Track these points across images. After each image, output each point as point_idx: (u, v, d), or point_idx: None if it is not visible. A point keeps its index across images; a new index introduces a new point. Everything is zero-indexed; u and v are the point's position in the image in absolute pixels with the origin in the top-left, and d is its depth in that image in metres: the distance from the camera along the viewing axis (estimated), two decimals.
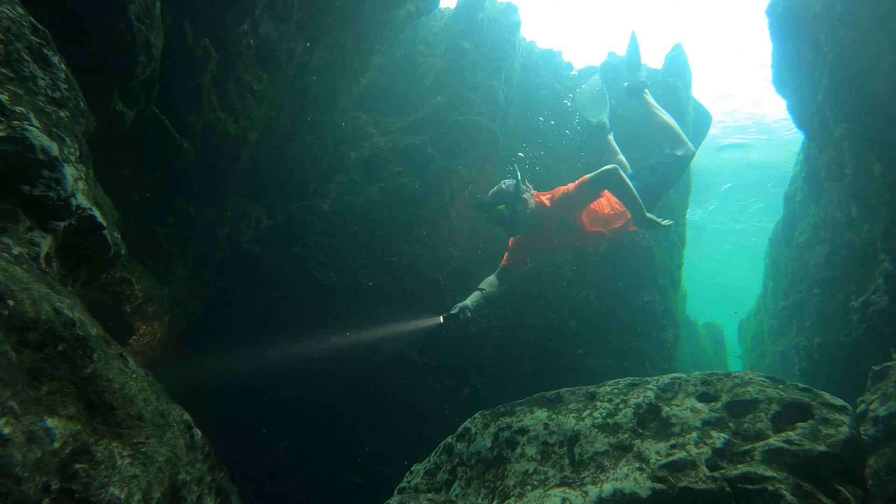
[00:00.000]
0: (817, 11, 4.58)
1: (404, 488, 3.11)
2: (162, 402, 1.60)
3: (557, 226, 3.86)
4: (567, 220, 3.84)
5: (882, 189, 4.11)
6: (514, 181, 3.81)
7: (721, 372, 2.75)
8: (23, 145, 1.54)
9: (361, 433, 4.66)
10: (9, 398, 1.03)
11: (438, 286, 4.98)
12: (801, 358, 6.37)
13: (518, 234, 4.02)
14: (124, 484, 1.20)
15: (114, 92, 2.87)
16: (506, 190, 3.77)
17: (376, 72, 6.58)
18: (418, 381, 4.80)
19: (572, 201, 3.74)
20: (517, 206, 3.73)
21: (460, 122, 5.65)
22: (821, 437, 2.15)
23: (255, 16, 3.76)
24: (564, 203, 3.77)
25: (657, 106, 4.81)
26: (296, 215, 5.10)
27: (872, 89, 4.10)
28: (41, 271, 1.55)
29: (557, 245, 4.07)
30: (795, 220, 7.67)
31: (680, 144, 4.52)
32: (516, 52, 6.82)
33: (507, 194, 3.75)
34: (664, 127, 4.65)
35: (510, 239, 4.10)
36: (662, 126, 4.67)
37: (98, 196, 2.32)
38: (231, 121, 4.00)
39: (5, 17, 1.67)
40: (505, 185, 3.82)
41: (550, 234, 3.92)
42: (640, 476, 2.18)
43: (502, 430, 2.91)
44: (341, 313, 4.75)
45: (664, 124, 4.66)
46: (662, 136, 4.74)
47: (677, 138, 4.57)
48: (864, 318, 4.52)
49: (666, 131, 4.64)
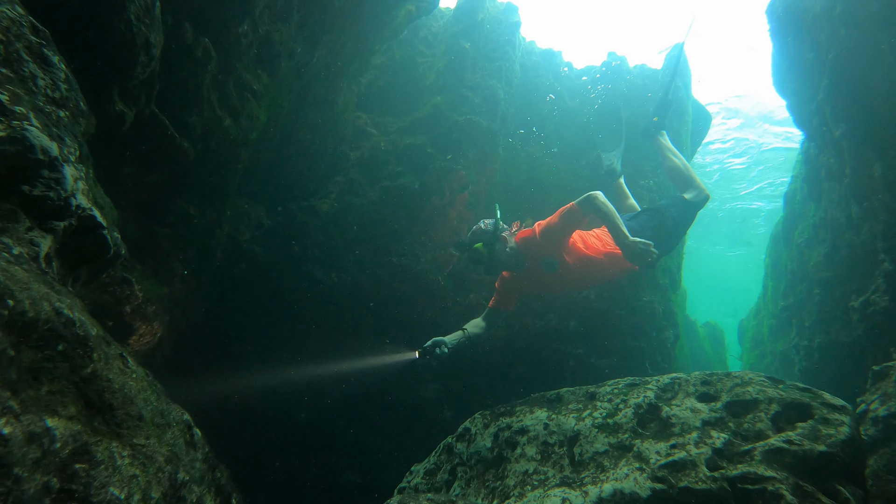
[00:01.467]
0: (817, 12, 4.58)
1: (404, 488, 3.11)
2: (162, 402, 1.60)
3: (541, 266, 3.73)
4: (551, 258, 3.70)
5: (882, 189, 4.11)
6: (492, 220, 3.73)
7: (721, 372, 2.75)
8: (23, 145, 1.54)
9: (361, 433, 4.66)
10: (9, 398, 1.03)
11: (438, 286, 4.98)
12: (801, 358, 6.38)
13: (500, 275, 3.94)
14: (124, 484, 1.20)
15: (114, 92, 2.87)
16: (484, 229, 3.69)
17: (376, 72, 6.58)
18: (418, 381, 4.81)
19: (555, 231, 3.59)
20: (495, 244, 3.63)
21: (460, 122, 5.65)
22: (821, 437, 2.15)
23: (255, 16, 3.76)
24: (547, 235, 3.62)
25: (672, 148, 4.61)
26: (296, 215, 5.10)
27: (872, 89, 4.11)
28: (41, 271, 1.55)
29: (542, 286, 3.94)
30: (795, 220, 7.67)
31: (691, 188, 4.30)
32: (516, 52, 6.82)
33: (484, 233, 3.66)
34: (675, 171, 4.47)
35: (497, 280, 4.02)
36: (673, 170, 4.49)
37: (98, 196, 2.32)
38: (231, 121, 4.00)
39: (5, 17, 1.67)
40: (484, 224, 3.74)
41: (533, 275, 3.81)
42: (640, 476, 2.18)
43: (502, 430, 2.91)
44: (341, 313, 4.75)
45: (675, 168, 4.47)
46: (673, 179, 4.56)
47: (688, 182, 4.35)
48: (864, 318, 4.52)
49: (677, 175, 4.46)
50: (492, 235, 3.64)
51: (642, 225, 3.90)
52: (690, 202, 4.21)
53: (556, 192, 6.17)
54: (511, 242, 3.73)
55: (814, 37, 4.71)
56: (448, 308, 4.90)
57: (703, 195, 4.25)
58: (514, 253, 3.71)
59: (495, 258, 3.64)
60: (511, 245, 3.71)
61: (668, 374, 2.88)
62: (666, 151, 4.58)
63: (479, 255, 3.62)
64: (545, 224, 3.65)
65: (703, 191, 4.27)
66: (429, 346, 3.53)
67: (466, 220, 5.43)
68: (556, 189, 6.19)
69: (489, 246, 3.62)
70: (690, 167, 4.48)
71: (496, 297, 4.00)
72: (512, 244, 3.72)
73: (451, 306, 4.91)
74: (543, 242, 3.65)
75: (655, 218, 3.97)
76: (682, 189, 4.35)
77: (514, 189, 6.16)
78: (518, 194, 6.13)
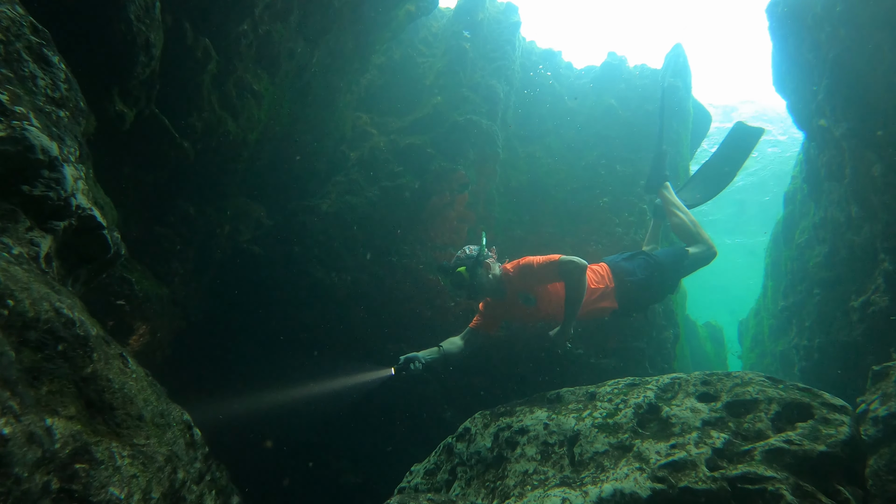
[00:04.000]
0: (817, 11, 4.58)
1: (404, 488, 3.11)
2: (162, 402, 1.60)
3: (518, 297, 3.79)
4: (528, 293, 3.75)
5: (882, 189, 4.11)
6: (477, 247, 3.78)
7: (721, 372, 2.75)
8: (23, 145, 1.54)
9: (361, 433, 4.66)
10: (9, 398, 1.03)
11: (438, 286, 4.98)
12: (801, 358, 6.37)
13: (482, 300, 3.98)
14: (124, 484, 1.20)
15: (114, 92, 2.87)
16: (468, 254, 3.75)
17: (376, 72, 6.58)
18: (418, 381, 4.80)
19: (533, 275, 3.66)
20: (477, 269, 3.68)
21: (460, 122, 5.65)
22: (821, 437, 2.15)
23: (255, 15, 3.76)
24: (525, 274, 3.68)
25: (676, 203, 4.45)
26: (296, 215, 5.10)
27: (872, 89, 4.10)
28: (41, 271, 1.54)
29: (522, 317, 3.96)
30: (795, 220, 7.67)
31: (697, 244, 4.19)
32: (516, 52, 6.82)
33: (468, 258, 3.72)
34: (680, 227, 4.33)
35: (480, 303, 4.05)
36: (679, 226, 4.35)
37: (98, 196, 2.32)
38: (231, 120, 4.00)
39: (5, 17, 1.67)
40: (469, 249, 3.80)
41: (512, 305, 3.85)
42: (640, 476, 2.18)
43: (502, 430, 2.91)
44: (341, 313, 4.75)
45: (681, 224, 4.32)
46: (679, 236, 4.42)
47: (694, 238, 4.23)
48: (864, 318, 4.52)
49: (682, 231, 4.32)
50: (475, 261, 3.70)
51: (633, 268, 3.93)
52: (693, 256, 4.12)
53: (556, 192, 6.17)
54: (495, 269, 3.78)
55: (814, 36, 4.71)
56: (448, 308, 4.90)
57: (709, 252, 4.16)
58: (497, 281, 3.77)
59: (477, 284, 3.70)
60: (494, 272, 3.77)
61: (668, 374, 2.88)
62: (670, 206, 4.44)
63: (461, 280, 3.68)
64: (524, 263, 3.71)
65: (711, 248, 4.18)
66: (402, 364, 3.59)
67: (467, 220, 5.43)
68: (556, 189, 6.19)
69: (472, 271, 3.68)
70: (698, 223, 4.34)
71: (479, 319, 4.04)
72: (496, 271, 3.78)
73: (450, 306, 4.91)
74: (519, 279, 3.72)
75: (648, 269, 3.93)
76: (688, 244, 4.27)
77: (513, 189, 6.16)
78: (518, 194, 6.13)
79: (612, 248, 5.45)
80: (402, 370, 3.59)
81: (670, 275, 4.06)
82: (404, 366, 3.58)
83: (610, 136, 6.55)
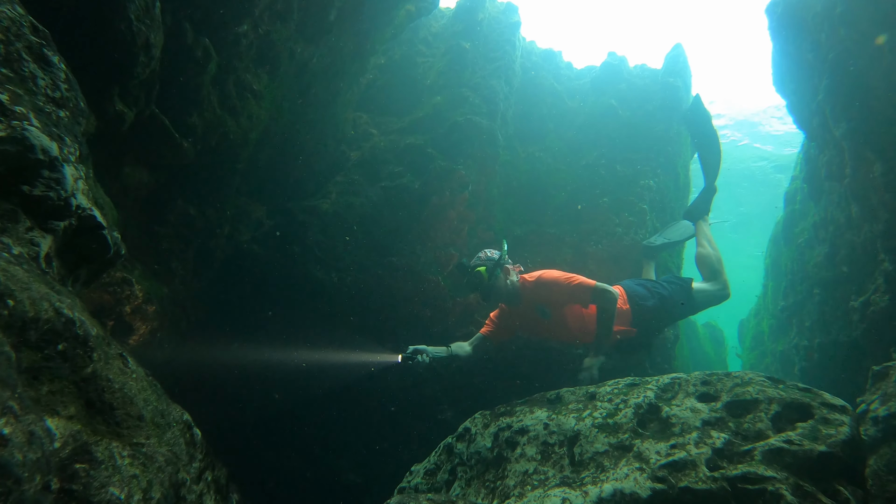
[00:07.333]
0: (817, 11, 4.58)
1: (404, 488, 3.11)
2: (162, 402, 1.60)
3: (534, 309, 3.80)
4: (545, 307, 3.76)
5: (882, 189, 4.11)
6: (498, 252, 3.81)
7: (721, 372, 2.75)
8: (23, 145, 1.54)
9: (361, 433, 4.66)
10: (9, 398, 1.03)
11: (438, 286, 4.98)
12: (801, 358, 6.38)
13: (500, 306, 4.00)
14: (124, 484, 1.20)
15: (114, 92, 2.87)
16: (489, 256, 3.78)
17: (376, 72, 6.58)
18: (418, 381, 4.80)
19: (561, 293, 3.66)
20: (497, 271, 3.72)
21: (460, 122, 5.65)
22: (821, 437, 2.15)
23: (256, 16, 3.76)
24: (549, 289, 3.69)
25: (709, 236, 4.58)
26: (296, 215, 5.10)
27: (872, 89, 4.10)
28: (41, 271, 1.55)
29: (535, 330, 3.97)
30: (795, 220, 7.67)
31: (715, 281, 4.28)
32: (516, 52, 6.82)
33: (489, 259, 3.76)
34: (705, 259, 4.45)
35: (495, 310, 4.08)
36: (704, 258, 4.47)
37: (98, 196, 2.32)
38: (231, 120, 4.00)
39: (5, 17, 1.67)
40: (490, 252, 3.83)
41: (526, 316, 3.86)
42: (640, 476, 2.18)
43: (502, 430, 2.91)
44: (341, 312, 4.75)
45: (707, 256, 4.45)
46: (700, 267, 4.53)
47: (715, 275, 4.31)
48: (864, 318, 4.52)
49: (706, 264, 4.43)
50: (495, 264, 3.73)
51: (646, 293, 3.96)
52: (706, 293, 4.19)
53: (556, 192, 6.16)
54: (513, 276, 3.80)
55: (814, 36, 4.71)
56: (448, 308, 4.90)
57: (723, 292, 4.23)
58: (513, 288, 3.78)
59: (495, 286, 3.72)
60: (512, 279, 3.79)
61: (668, 374, 2.88)
62: (702, 238, 4.59)
63: (479, 280, 3.70)
64: (549, 279, 3.71)
65: (726, 288, 4.25)
66: (410, 353, 3.65)
67: (467, 220, 5.42)
68: (556, 189, 6.19)
69: (491, 272, 3.71)
70: (722, 261, 4.44)
71: (490, 326, 4.05)
72: (514, 278, 3.80)
73: (451, 306, 4.91)
74: (539, 292, 3.72)
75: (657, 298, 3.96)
76: (707, 278, 4.36)
77: (514, 189, 6.16)
78: (518, 194, 6.13)
79: (612, 249, 5.45)
80: (408, 359, 3.64)
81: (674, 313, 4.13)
82: (411, 355, 3.63)
83: (610, 136, 6.55)
